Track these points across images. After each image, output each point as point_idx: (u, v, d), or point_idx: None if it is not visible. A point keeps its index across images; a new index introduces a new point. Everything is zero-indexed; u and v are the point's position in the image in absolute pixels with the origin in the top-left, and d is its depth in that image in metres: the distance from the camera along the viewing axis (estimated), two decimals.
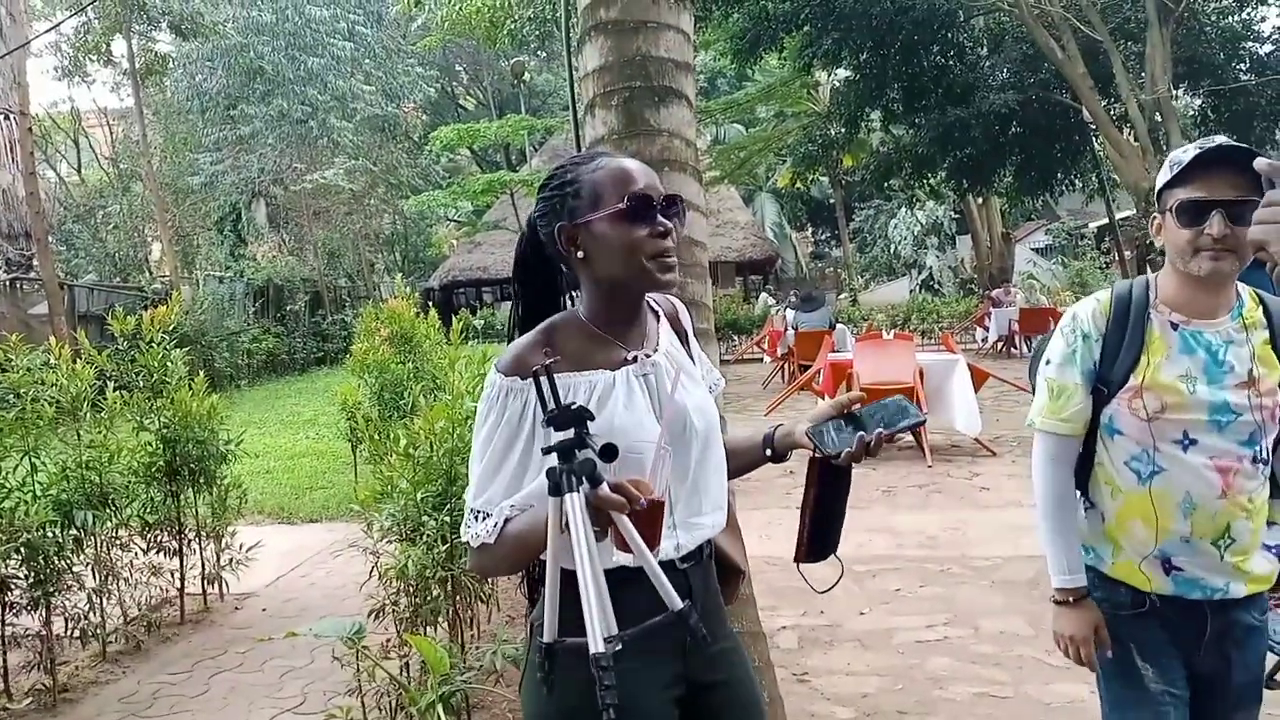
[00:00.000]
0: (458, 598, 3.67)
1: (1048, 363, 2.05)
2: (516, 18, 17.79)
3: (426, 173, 29.30)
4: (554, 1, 16.37)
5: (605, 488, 1.27)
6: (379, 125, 26.48)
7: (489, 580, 3.91)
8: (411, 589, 3.47)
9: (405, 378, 7.63)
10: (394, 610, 3.52)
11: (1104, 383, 1.94)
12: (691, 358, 1.75)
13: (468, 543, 1.52)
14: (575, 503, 1.25)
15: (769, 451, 1.71)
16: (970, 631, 4.36)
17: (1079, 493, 2.04)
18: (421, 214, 28.45)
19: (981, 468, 7.77)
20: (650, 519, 1.32)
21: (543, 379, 1.33)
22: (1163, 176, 1.87)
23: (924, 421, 1.58)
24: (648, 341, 1.64)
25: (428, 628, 3.51)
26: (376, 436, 4.48)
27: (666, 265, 1.54)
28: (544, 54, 31.59)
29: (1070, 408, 1.98)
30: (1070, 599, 1.98)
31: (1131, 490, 1.91)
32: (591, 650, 1.18)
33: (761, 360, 17.61)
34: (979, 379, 8.50)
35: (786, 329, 14.50)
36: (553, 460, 1.30)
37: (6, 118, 17.63)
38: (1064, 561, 1.99)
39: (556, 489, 1.27)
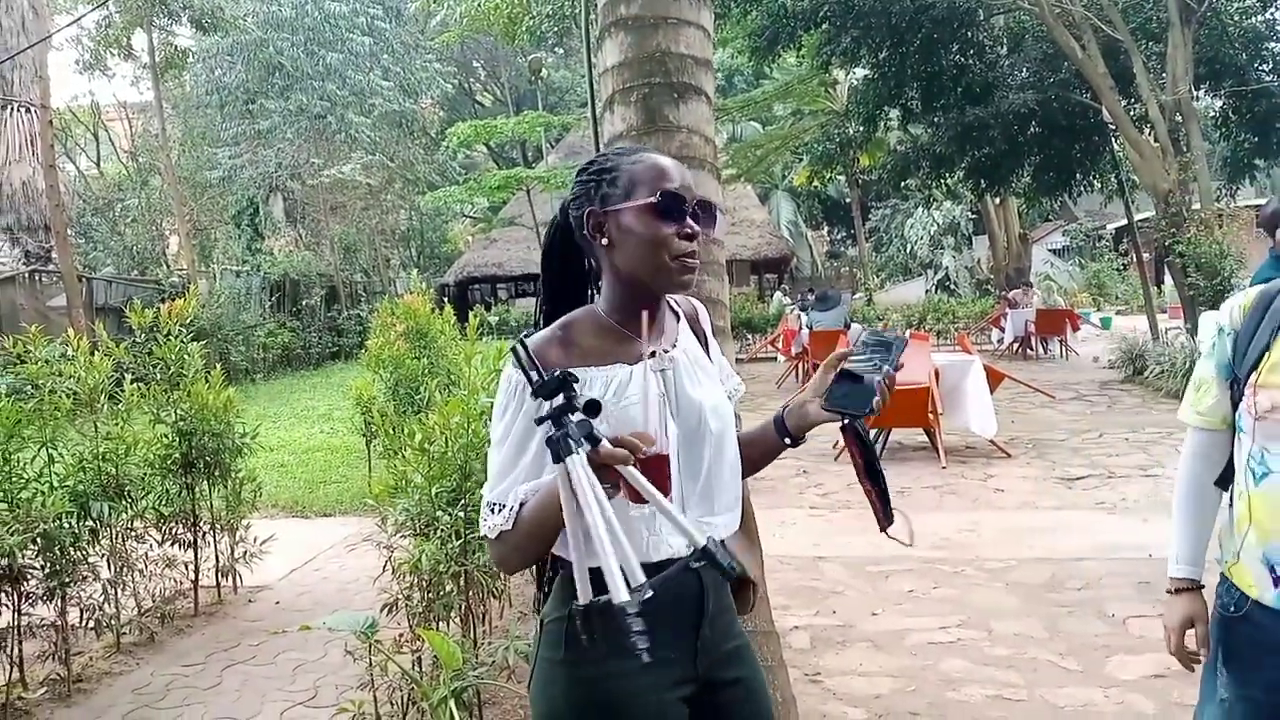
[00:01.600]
0: (470, 593, 3.68)
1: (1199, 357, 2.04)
2: (535, 14, 17.78)
3: (443, 168, 29.33)
4: None
5: (606, 444, 1.27)
6: (396, 121, 26.52)
7: (501, 576, 3.92)
8: (425, 584, 3.48)
9: (420, 373, 7.66)
10: (407, 605, 3.53)
11: (1237, 379, 1.90)
12: (710, 360, 1.74)
13: (486, 536, 1.52)
14: (577, 462, 1.24)
15: (786, 439, 1.71)
16: (984, 633, 4.34)
17: (1225, 493, 1.99)
18: (437, 210, 28.52)
19: (996, 469, 7.73)
20: (657, 470, 1.34)
21: (520, 350, 1.35)
22: None
23: (907, 341, 1.60)
24: (666, 338, 1.63)
25: (440, 623, 3.52)
26: (391, 431, 4.49)
27: (687, 267, 1.54)
28: (561, 50, 31.62)
29: (1207, 400, 1.95)
30: (1174, 588, 1.99)
31: (1248, 490, 1.85)
32: (615, 599, 1.17)
33: (775, 359, 17.58)
34: (995, 380, 8.46)
35: (801, 328, 14.46)
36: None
37: (27, 110, 17.76)
38: (1178, 551, 2.01)
39: (558, 456, 1.27)
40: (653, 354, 1.56)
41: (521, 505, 1.46)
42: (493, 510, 1.50)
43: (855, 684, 3.88)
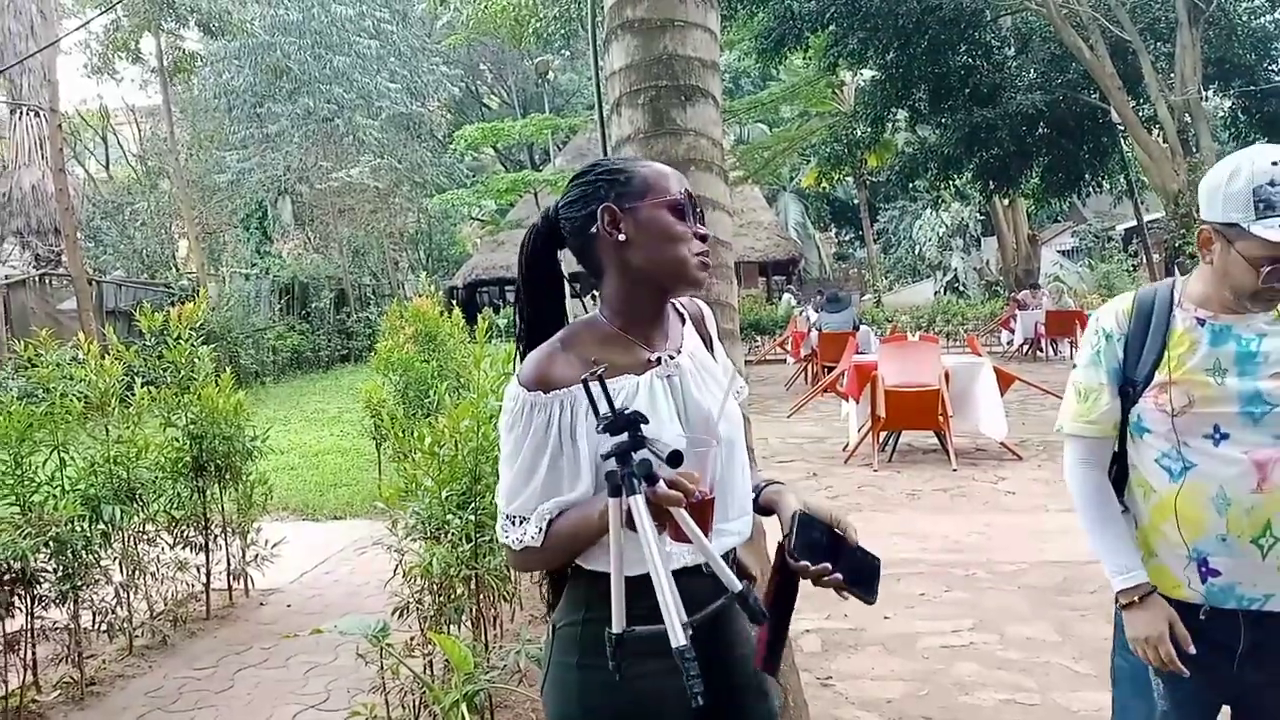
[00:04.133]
0: (481, 596, 3.67)
1: (1074, 367, 2.03)
2: (541, 16, 17.81)
3: (451, 171, 29.39)
4: (579, 0, 16.38)
5: (662, 485, 1.30)
6: (404, 124, 26.58)
7: (512, 579, 3.92)
8: (435, 587, 3.47)
9: (429, 376, 7.67)
10: (418, 608, 3.53)
11: (1129, 382, 1.91)
12: (715, 361, 1.74)
13: (507, 545, 1.54)
14: (640, 504, 1.29)
15: (755, 499, 1.70)
16: (996, 637, 4.33)
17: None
18: (445, 212, 28.56)
19: (1007, 472, 7.71)
20: (702, 511, 1.37)
21: (593, 386, 1.36)
22: (1237, 206, 1.76)
23: (871, 603, 1.52)
24: (670, 343, 1.64)
25: (451, 626, 3.51)
26: (401, 435, 4.49)
27: (704, 264, 1.58)
28: (568, 53, 31.61)
29: (1098, 409, 1.95)
30: (1136, 598, 1.89)
31: (1164, 489, 1.86)
32: (674, 644, 1.23)
33: (785, 361, 17.55)
34: (1005, 382, 8.44)
35: (810, 330, 14.43)
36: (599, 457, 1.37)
37: (36, 115, 17.86)
38: (1119, 561, 1.92)
39: (617, 490, 1.31)
40: (659, 360, 1.57)
41: (549, 523, 1.49)
42: (514, 523, 1.52)
43: (867, 688, 3.87)
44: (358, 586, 5.52)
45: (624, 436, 1.32)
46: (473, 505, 3.40)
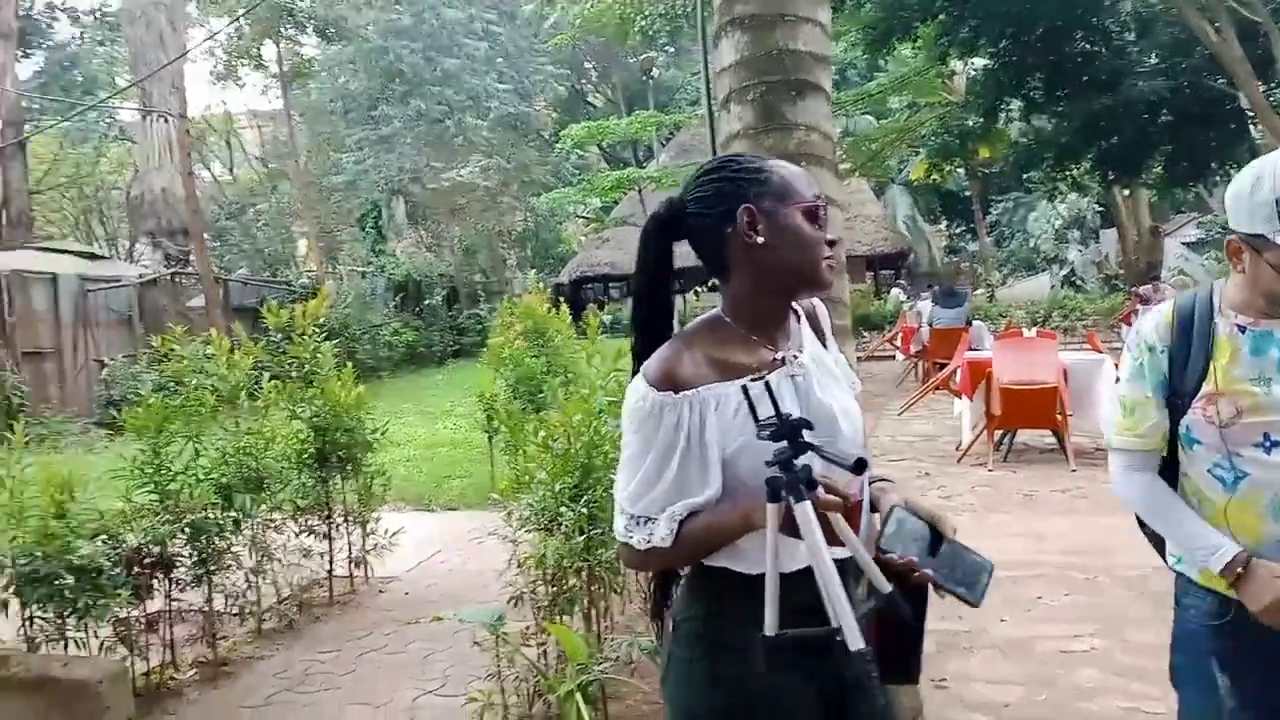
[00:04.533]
0: (593, 588, 3.73)
1: (1118, 380, 1.99)
2: (647, 14, 17.87)
3: (557, 170, 29.75)
4: None
5: (822, 491, 1.33)
6: (512, 124, 27.01)
7: (623, 573, 3.96)
8: (549, 578, 3.54)
9: (539, 371, 7.79)
10: (532, 598, 3.61)
11: (1177, 394, 1.87)
12: (831, 358, 1.73)
13: (628, 544, 1.55)
14: (807, 510, 1.31)
15: None
16: (1118, 643, 4.19)
17: None
18: (551, 211, 28.93)
19: None
20: (851, 515, 1.40)
21: (753, 392, 1.38)
22: (1263, 217, 1.71)
23: (975, 604, 1.47)
24: (792, 342, 1.64)
25: (563, 616, 3.58)
26: (515, 428, 4.58)
27: (834, 268, 1.61)
28: (672, 49, 31.64)
29: (1145, 423, 1.91)
30: (1240, 569, 1.79)
31: (1218, 498, 1.84)
32: (853, 647, 1.27)
33: (893, 358, 17.26)
34: None
35: (920, 326, 14.14)
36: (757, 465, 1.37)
37: (166, 120, 18.72)
38: (1206, 542, 1.83)
39: (776, 496, 1.33)
40: (783, 360, 1.58)
41: (680, 524, 1.49)
42: (639, 523, 1.52)
43: (983, 691, 3.79)
44: (472, 576, 5.65)
45: (785, 444, 1.34)
46: (585, 498, 3.46)
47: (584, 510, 3.41)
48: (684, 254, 1.67)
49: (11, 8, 21.58)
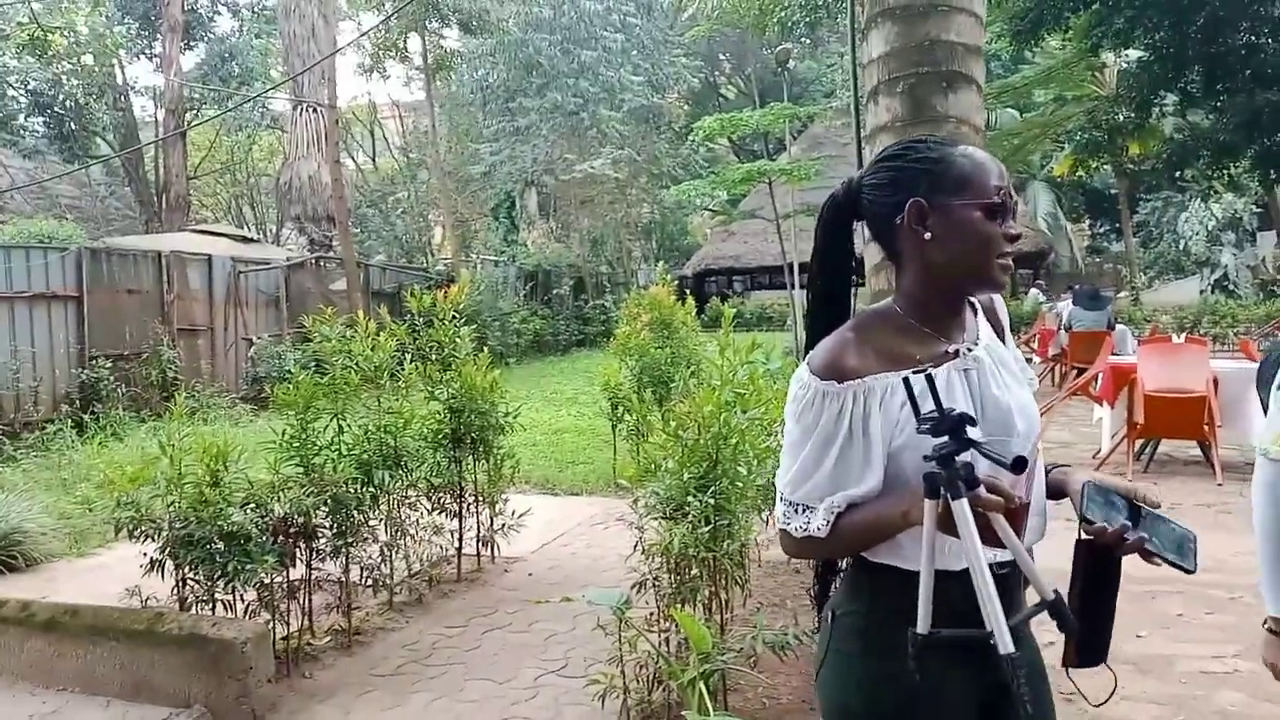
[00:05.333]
0: (717, 579, 3.74)
1: (1279, 387, 1.87)
2: (787, 4, 17.68)
3: (686, 162, 29.74)
4: None
5: (983, 489, 1.30)
6: (644, 116, 27.13)
7: (746, 566, 3.97)
8: (673, 566, 3.57)
9: (664, 361, 7.85)
10: (655, 586, 3.64)
11: None
12: (1009, 353, 1.68)
13: (785, 531, 1.55)
14: (964, 509, 1.29)
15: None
16: (1264, 666, 3.97)
17: None
18: (679, 203, 28.98)
19: None
20: (1015, 516, 1.36)
21: (915, 386, 1.37)
22: None
23: (1190, 571, 1.44)
24: (967, 335, 1.59)
25: (686, 605, 3.60)
26: (642, 416, 4.63)
27: (1008, 267, 1.53)
28: (808, 40, 31.24)
29: None
30: (1276, 627, 1.90)
31: None
32: (1003, 650, 1.28)
33: (1030, 360, 16.68)
34: None
35: (1059, 328, 13.62)
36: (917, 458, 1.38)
37: (315, 110, 19.51)
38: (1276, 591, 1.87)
39: (935, 492, 1.31)
40: (956, 353, 1.54)
41: (838, 516, 1.48)
42: (796, 510, 1.52)
43: (1117, 708, 3.65)
44: (594, 560, 5.75)
45: (946, 439, 1.32)
46: (711, 489, 3.47)
47: (710, 501, 3.43)
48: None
49: (179, 2, 22.85)
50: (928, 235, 1.52)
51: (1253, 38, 15.88)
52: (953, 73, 2.90)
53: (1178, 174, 20.20)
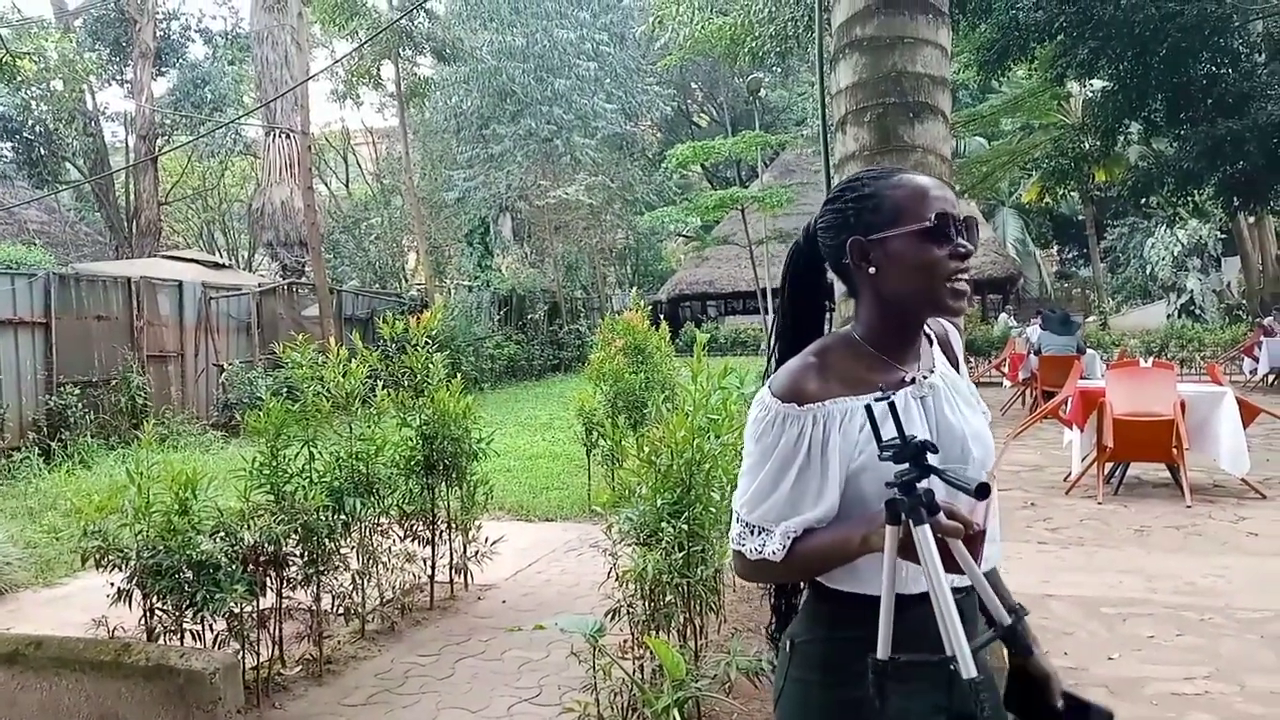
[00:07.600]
0: (691, 605, 3.74)
1: None
2: (758, 35, 17.87)
3: (660, 189, 29.93)
4: (796, 19, 16.32)
5: (942, 516, 1.31)
6: (618, 143, 27.32)
7: (720, 592, 3.97)
8: (647, 592, 3.57)
9: (638, 386, 7.87)
10: (629, 613, 3.64)
11: None
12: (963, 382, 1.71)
13: (739, 551, 1.56)
14: (926, 535, 1.29)
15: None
16: (1235, 688, 4.01)
17: None
18: (653, 229, 29.12)
19: (1249, 511, 7.11)
20: (973, 542, 1.37)
21: (876, 411, 1.39)
22: None
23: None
24: (922, 363, 1.62)
25: (660, 632, 3.59)
26: (616, 441, 4.63)
27: (959, 291, 1.53)
28: (779, 70, 31.58)
29: None
30: None
31: None
32: (966, 675, 1.28)
33: (1000, 384, 16.83)
34: (1249, 414, 7.78)
35: (1029, 353, 13.77)
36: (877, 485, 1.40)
37: (288, 137, 19.48)
38: None
39: (896, 518, 1.32)
40: (912, 380, 1.56)
41: (794, 540, 1.49)
42: (752, 532, 1.53)
43: None
44: (569, 587, 5.72)
45: (907, 466, 1.33)
46: (685, 515, 3.48)
47: (684, 527, 3.44)
48: None
49: (151, 29, 22.80)
50: (872, 270, 1.54)
51: (1214, 68, 16.22)
52: (919, 103, 2.95)
53: (1143, 201, 20.49)
